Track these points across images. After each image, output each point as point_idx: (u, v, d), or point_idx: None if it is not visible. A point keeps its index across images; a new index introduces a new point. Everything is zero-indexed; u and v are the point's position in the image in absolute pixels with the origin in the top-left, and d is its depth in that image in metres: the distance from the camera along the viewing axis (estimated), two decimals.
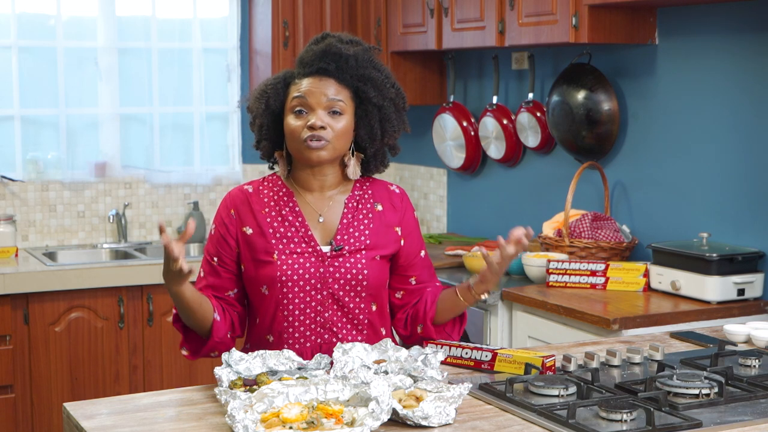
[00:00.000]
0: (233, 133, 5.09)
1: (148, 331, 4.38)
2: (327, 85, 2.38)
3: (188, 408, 2.15)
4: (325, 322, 2.41)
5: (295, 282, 2.37)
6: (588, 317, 3.25)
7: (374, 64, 2.44)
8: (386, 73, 2.46)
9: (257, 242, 2.40)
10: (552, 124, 4.15)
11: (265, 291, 2.39)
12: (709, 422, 2.05)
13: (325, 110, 2.37)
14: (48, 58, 4.74)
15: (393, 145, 2.49)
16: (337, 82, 2.39)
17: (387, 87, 2.44)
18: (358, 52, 2.42)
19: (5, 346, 4.16)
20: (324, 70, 2.39)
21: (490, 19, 4.04)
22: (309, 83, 2.38)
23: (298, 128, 2.36)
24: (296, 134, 2.37)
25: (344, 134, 2.39)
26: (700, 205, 3.68)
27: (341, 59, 2.39)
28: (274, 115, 2.43)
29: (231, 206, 2.44)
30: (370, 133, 2.43)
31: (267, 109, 2.43)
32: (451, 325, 2.54)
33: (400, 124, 2.48)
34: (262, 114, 2.44)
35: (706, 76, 3.63)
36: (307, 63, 2.41)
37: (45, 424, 4.24)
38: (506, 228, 4.56)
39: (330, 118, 2.37)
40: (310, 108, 2.37)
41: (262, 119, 2.44)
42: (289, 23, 4.82)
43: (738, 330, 2.79)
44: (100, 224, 4.88)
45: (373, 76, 2.42)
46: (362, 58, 2.42)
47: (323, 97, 2.37)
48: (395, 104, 2.45)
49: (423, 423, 1.99)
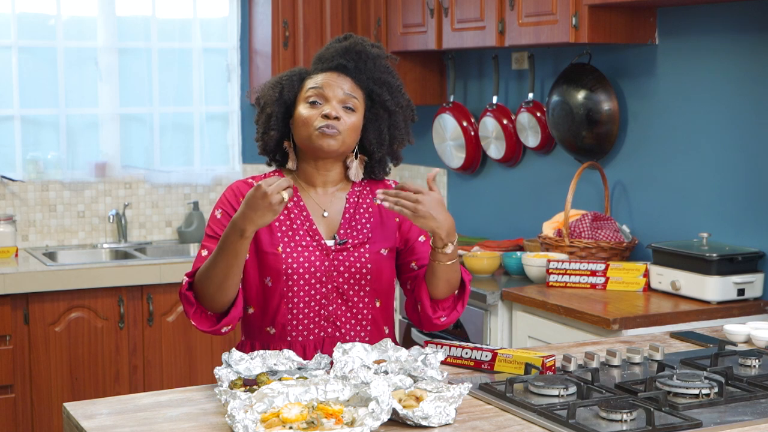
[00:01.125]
0: (233, 133, 5.10)
1: (148, 331, 4.38)
2: (343, 81, 2.42)
3: (188, 408, 2.15)
4: (329, 316, 2.42)
5: (300, 275, 2.39)
6: (588, 317, 3.25)
7: (390, 71, 2.49)
8: (401, 82, 2.51)
9: (262, 234, 2.41)
10: (552, 124, 4.15)
11: (269, 282, 2.40)
12: (709, 422, 2.05)
13: (340, 104, 2.40)
14: (48, 58, 4.74)
15: (397, 155, 2.52)
16: (353, 80, 2.43)
17: (401, 94, 2.48)
18: (380, 55, 2.47)
19: (5, 346, 4.16)
20: (343, 67, 2.42)
21: (490, 19, 4.04)
22: (326, 77, 2.42)
23: (312, 116, 2.38)
24: (310, 122, 2.38)
25: (354, 130, 2.42)
26: (700, 205, 3.68)
27: (361, 59, 2.43)
28: (286, 105, 2.45)
29: (239, 194, 2.45)
30: (379, 137, 2.46)
31: (280, 98, 2.44)
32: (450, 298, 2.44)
33: (407, 135, 2.52)
34: (274, 103, 2.44)
35: (706, 76, 3.63)
36: (327, 59, 2.45)
37: (45, 424, 4.24)
38: (506, 228, 4.60)
39: (343, 111, 2.40)
40: (326, 99, 2.39)
41: (273, 108, 2.44)
42: (289, 23, 4.82)
43: (738, 330, 2.79)
44: (100, 224, 4.88)
45: (389, 81, 2.46)
46: (381, 63, 2.47)
47: (339, 91, 2.40)
48: (405, 114, 2.50)
49: (423, 423, 1.99)
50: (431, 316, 2.42)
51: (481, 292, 3.70)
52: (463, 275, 2.45)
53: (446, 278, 2.39)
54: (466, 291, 2.46)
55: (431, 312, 2.42)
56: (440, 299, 2.43)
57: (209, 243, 2.40)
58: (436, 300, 2.43)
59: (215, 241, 2.38)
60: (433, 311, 2.42)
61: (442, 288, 2.40)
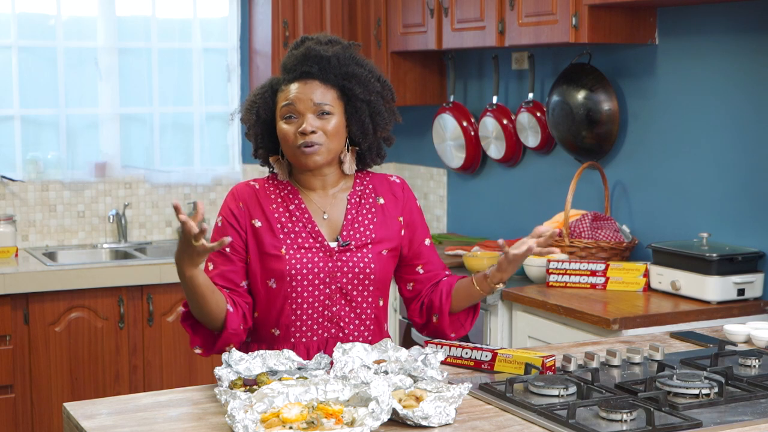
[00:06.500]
0: (233, 133, 5.09)
1: (148, 331, 4.38)
2: (313, 89, 2.41)
3: (188, 408, 2.15)
4: (333, 316, 2.44)
5: (304, 276, 2.40)
6: (588, 317, 3.25)
7: (356, 61, 2.47)
8: (369, 67, 2.49)
9: (265, 236, 2.42)
10: (552, 124, 4.15)
11: (273, 284, 2.41)
12: (709, 422, 2.05)
13: (314, 113, 2.40)
14: (48, 58, 4.74)
15: (387, 137, 2.53)
16: (322, 83, 2.42)
17: (372, 81, 2.46)
18: (338, 51, 2.45)
19: (5, 346, 4.16)
20: (307, 74, 2.42)
21: (490, 19, 4.04)
22: (295, 89, 2.42)
23: (290, 134, 2.41)
24: (289, 140, 2.41)
25: (336, 134, 2.42)
26: (700, 205, 3.68)
27: (322, 61, 2.42)
28: (266, 123, 2.47)
29: (239, 199, 2.46)
30: (362, 128, 2.47)
31: (258, 119, 2.47)
32: (464, 314, 2.56)
33: (391, 116, 2.51)
34: (254, 124, 2.48)
35: (706, 76, 3.63)
36: (290, 68, 2.45)
37: (45, 424, 4.24)
38: (506, 228, 4.60)
39: (320, 120, 2.40)
40: (299, 113, 2.41)
41: (255, 129, 2.49)
42: (289, 23, 4.82)
43: (738, 330, 2.79)
44: (100, 224, 4.88)
45: (356, 73, 2.45)
46: (343, 57, 2.45)
47: (310, 102, 2.40)
48: (383, 97, 2.49)
49: (423, 423, 1.99)
50: (446, 331, 2.54)
51: None
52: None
53: (475, 301, 2.54)
54: (477, 310, 2.59)
55: (448, 329, 2.54)
56: (456, 314, 2.54)
57: (213, 255, 2.43)
58: (454, 314, 2.54)
59: (218, 253, 2.42)
60: (451, 328, 2.54)
61: (464, 306, 2.54)
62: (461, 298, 2.51)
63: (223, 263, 2.42)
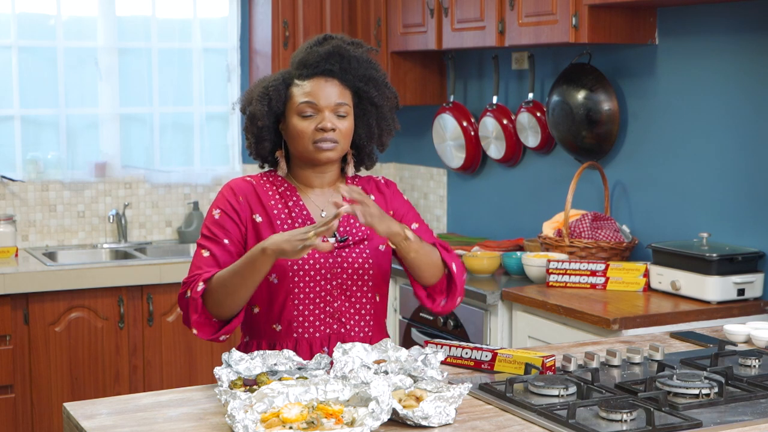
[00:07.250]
0: (233, 133, 5.09)
1: (148, 331, 4.38)
2: (332, 87, 2.43)
3: (188, 408, 2.15)
4: (334, 312, 2.45)
5: (306, 272, 2.41)
6: (588, 317, 3.25)
7: (374, 65, 2.51)
8: (384, 73, 2.54)
9: (265, 232, 2.42)
10: (552, 124, 4.15)
11: (274, 280, 2.41)
12: (709, 422, 2.05)
13: (333, 112, 2.42)
14: (48, 58, 4.74)
15: (384, 143, 2.57)
16: (340, 83, 2.45)
17: (387, 87, 2.52)
18: (362, 54, 2.48)
19: (5, 346, 4.16)
20: (329, 71, 2.44)
21: (490, 19, 4.04)
22: (315, 85, 2.43)
23: (307, 130, 2.41)
24: (305, 136, 2.41)
25: (348, 134, 2.46)
26: (700, 205, 3.68)
27: (345, 60, 2.45)
28: (275, 116, 2.47)
29: (239, 193, 2.46)
30: (369, 132, 2.51)
31: (270, 110, 2.46)
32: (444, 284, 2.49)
33: (394, 123, 2.55)
34: (264, 116, 2.45)
35: (706, 76, 3.63)
36: (312, 64, 2.45)
37: (45, 424, 4.24)
38: (506, 228, 4.60)
39: (337, 119, 2.42)
40: (318, 110, 2.41)
41: (264, 121, 2.46)
42: (289, 23, 4.82)
43: (738, 330, 2.79)
44: (100, 224, 4.88)
45: (374, 77, 2.49)
46: (364, 60, 2.49)
47: (330, 99, 2.42)
48: (390, 104, 2.53)
49: (423, 423, 1.99)
50: (432, 306, 2.50)
51: (481, 292, 3.70)
52: (446, 259, 2.48)
53: (425, 262, 2.44)
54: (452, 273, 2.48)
55: (430, 303, 2.50)
56: (434, 283, 2.48)
57: (208, 243, 2.41)
58: (432, 287, 2.49)
59: (214, 242, 2.40)
60: (431, 301, 2.50)
61: (427, 273, 2.46)
62: (414, 270, 2.45)
63: (223, 255, 2.41)
